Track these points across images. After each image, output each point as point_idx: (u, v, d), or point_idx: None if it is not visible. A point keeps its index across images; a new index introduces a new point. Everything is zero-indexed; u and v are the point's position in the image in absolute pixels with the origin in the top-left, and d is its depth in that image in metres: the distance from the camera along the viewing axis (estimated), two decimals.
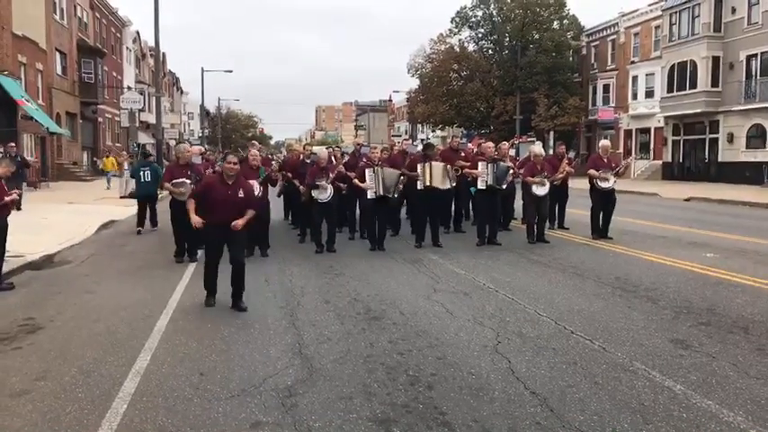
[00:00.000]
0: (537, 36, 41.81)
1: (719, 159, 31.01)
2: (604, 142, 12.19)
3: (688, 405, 3.95)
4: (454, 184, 10.65)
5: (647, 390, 4.19)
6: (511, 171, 10.82)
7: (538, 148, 11.73)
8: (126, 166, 22.47)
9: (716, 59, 30.48)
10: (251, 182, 9.47)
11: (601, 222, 11.21)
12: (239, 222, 6.27)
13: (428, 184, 10.27)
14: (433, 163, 10.44)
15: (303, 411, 3.88)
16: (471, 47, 45.44)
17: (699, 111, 31.04)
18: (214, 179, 6.77)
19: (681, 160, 34.05)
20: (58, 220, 13.96)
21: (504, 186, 10.84)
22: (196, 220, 6.29)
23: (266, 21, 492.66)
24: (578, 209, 13.24)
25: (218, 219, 6.25)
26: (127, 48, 46.84)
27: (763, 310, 6.20)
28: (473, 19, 44.28)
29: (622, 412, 3.85)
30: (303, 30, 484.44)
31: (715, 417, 3.78)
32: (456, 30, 44.74)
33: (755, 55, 28.71)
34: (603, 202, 11.16)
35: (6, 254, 7.78)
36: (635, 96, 37.31)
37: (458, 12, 44.30)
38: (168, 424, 3.74)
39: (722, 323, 5.78)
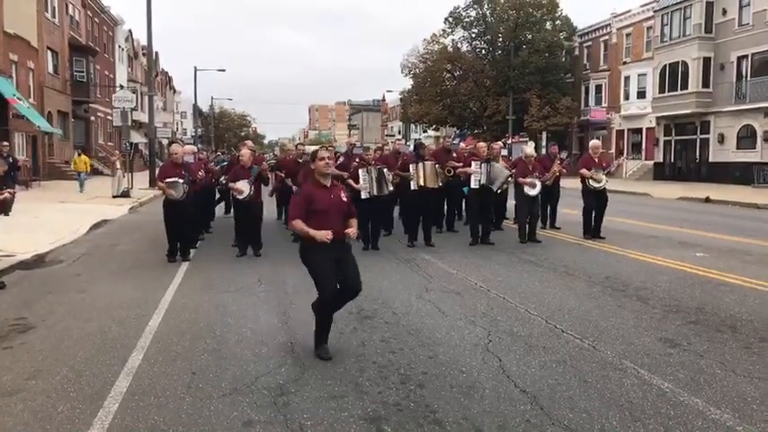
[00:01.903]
0: (530, 36, 41.99)
1: (710, 160, 31.23)
2: (594, 141, 12.29)
3: (676, 403, 4.00)
4: (441, 184, 10.69)
5: (636, 388, 4.24)
6: (510, 179, 10.88)
7: (529, 148, 11.84)
8: (118, 165, 22.33)
9: (707, 60, 30.69)
10: (240, 182, 9.53)
11: (593, 222, 11.29)
12: (354, 230, 5.04)
13: (421, 183, 10.32)
14: (426, 162, 10.50)
15: (295, 410, 3.90)
16: (464, 47, 45.60)
17: (690, 111, 31.25)
18: (309, 186, 5.05)
19: (672, 160, 34.27)
20: (49, 219, 13.89)
21: (499, 191, 10.93)
22: (322, 233, 4.67)
23: (262, 20, 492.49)
24: (570, 208, 13.32)
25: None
26: (119, 46, 46.63)
27: (751, 310, 6.26)
28: (466, 19, 44.41)
29: (611, 410, 3.89)
30: (298, 29, 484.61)
31: (702, 414, 3.83)
32: (449, 30, 44.88)
33: (746, 56, 28.93)
34: (595, 201, 11.24)
35: None
36: (627, 97, 37.54)
37: (451, 12, 44.44)
38: (160, 423, 3.75)
39: (710, 322, 5.84)
